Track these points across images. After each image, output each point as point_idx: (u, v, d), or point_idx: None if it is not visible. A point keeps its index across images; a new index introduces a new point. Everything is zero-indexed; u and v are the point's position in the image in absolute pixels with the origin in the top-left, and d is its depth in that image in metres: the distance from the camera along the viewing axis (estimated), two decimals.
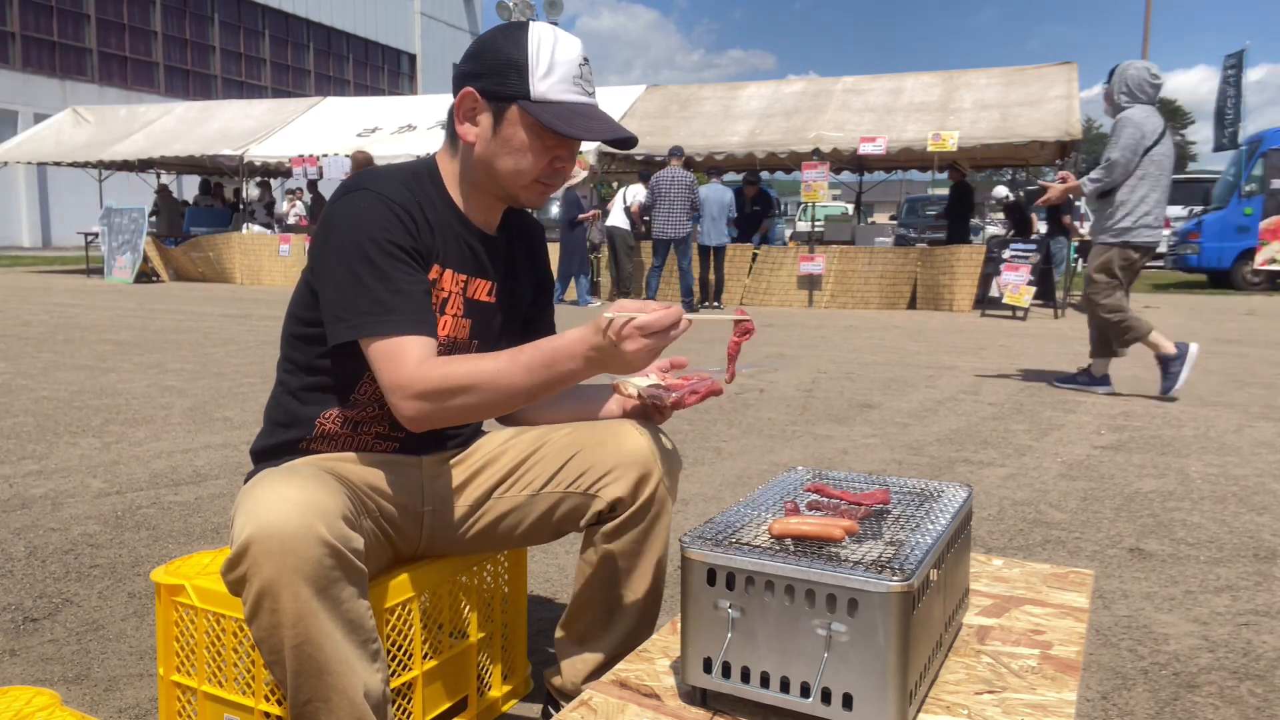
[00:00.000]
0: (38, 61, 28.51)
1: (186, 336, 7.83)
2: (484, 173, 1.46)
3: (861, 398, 5.28)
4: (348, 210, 1.39)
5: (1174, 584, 2.48)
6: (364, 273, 1.34)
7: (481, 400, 1.32)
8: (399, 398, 1.32)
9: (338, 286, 1.36)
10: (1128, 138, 4.96)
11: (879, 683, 1.00)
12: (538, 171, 1.44)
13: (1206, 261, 15.11)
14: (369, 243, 1.35)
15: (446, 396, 1.31)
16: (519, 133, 1.41)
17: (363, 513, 1.40)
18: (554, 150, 1.43)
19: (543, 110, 1.38)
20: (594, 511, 1.52)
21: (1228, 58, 17.61)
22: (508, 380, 1.30)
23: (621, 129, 1.45)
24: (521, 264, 1.64)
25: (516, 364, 1.30)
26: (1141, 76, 5.03)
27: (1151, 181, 4.99)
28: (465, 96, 1.42)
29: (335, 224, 1.38)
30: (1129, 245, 5.05)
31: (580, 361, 1.28)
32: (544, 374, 1.30)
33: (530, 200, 1.49)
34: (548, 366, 1.29)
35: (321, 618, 1.21)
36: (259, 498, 1.23)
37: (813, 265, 11.96)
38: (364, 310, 1.34)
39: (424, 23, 43.32)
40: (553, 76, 1.39)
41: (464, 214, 1.51)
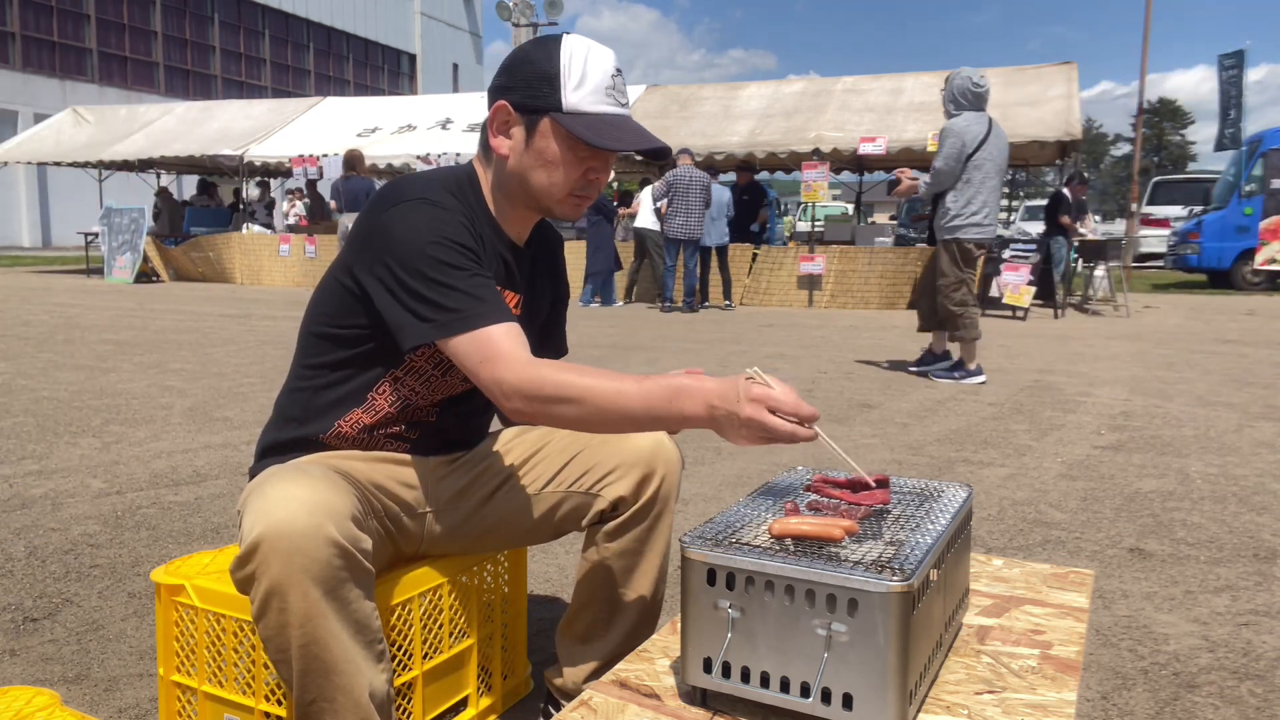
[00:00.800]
0: (38, 61, 28.51)
1: (186, 336, 7.83)
2: (518, 186, 1.45)
3: (861, 398, 5.28)
4: (409, 216, 1.35)
5: (1174, 584, 2.48)
6: (442, 274, 1.31)
7: (587, 414, 1.26)
8: (503, 394, 1.28)
9: (413, 291, 1.32)
10: (949, 147, 5.45)
11: (879, 683, 1.00)
12: (572, 184, 1.43)
13: (1206, 261, 15.11)
14: (442, 244, 1.33)
15: (554, 402, 1.26)
16: (552, 145, 1.39)
17: (369, 513, 1.41)
18: (588, 162, 1.42)
19: (575, 122, 1.37)
20: (596, 511, 1.53)
21: (1224, 57, 17.59)
22: (622, 402, 1.24)
23: (654, 139, 1.43)
24: (544, 276, 1.63)
25: (640, 390, 1.23)
26: (965, 85, 5.49)
27: (977, 184, 5.49)
28: (498, 110, 1.41)
29: (396, 231, 1.34)
30: (960, 241, 5.56)
31: (702, 408, 1.20)
32: (662, 407, 1.22)
33: (566, 213, 1.47)
34: (668, 401, 1.22)
35: (329, 618, 1.21)
36: (269, 496, 1.22)
37: (813, 265, 11.96)
38: (451, 308, 1.30)
39: (424, 23, 43.33)
40: (585, 88, 1.37)
41: (499, 225, 1.49)
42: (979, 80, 5.47)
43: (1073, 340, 8.28)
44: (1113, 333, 8.90)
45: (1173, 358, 6.99)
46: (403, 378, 1.47)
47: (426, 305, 1.31)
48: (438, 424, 1.54)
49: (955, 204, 5.53)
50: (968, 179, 5.49)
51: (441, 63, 44.84)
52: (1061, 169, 12.47)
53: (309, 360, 1.50)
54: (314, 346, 1.49)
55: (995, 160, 5.51)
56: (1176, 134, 53.01)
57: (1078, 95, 11.43)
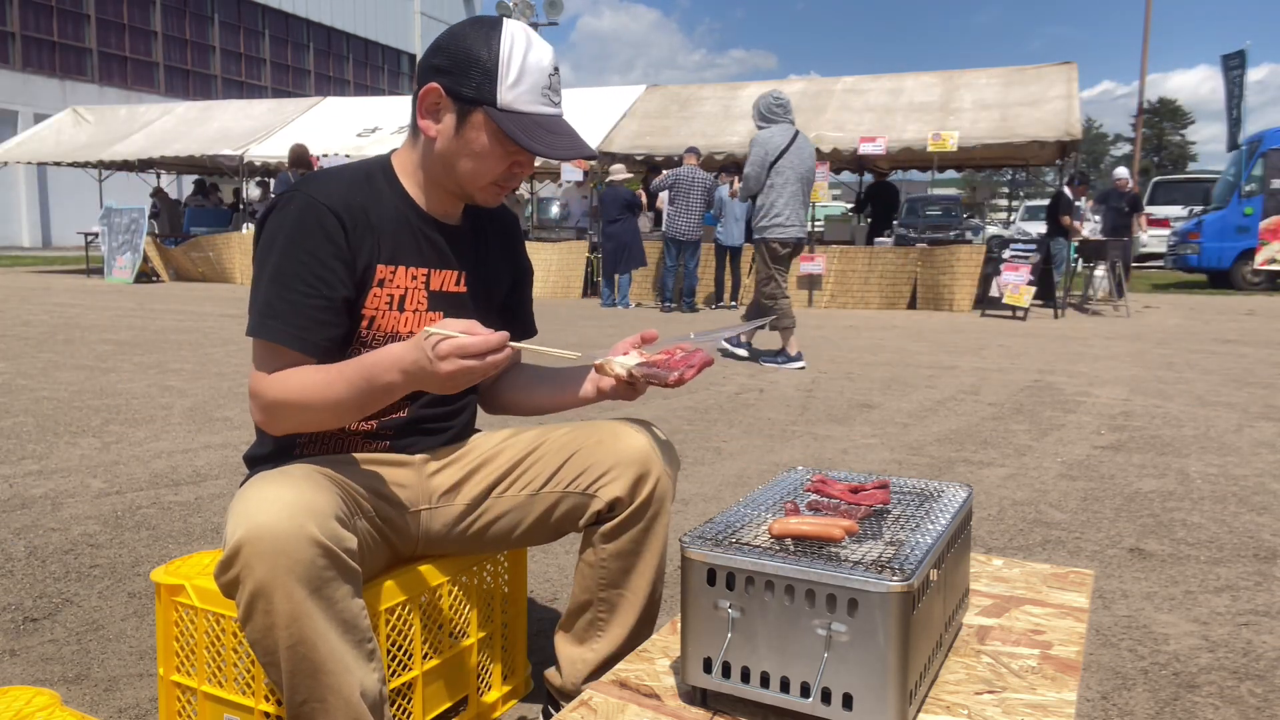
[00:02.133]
0: (38, 61, 28.51)
1: (186, 336, 7.83)
2: (442, 169, 1.46)
3: (861, 398, 5.28)
4: (276, 213, 1.40)
5: (1174, 584, 2.48)
6: (268, 276, 1.37)
7: (315, 415, 1.36)
8: (252, 404, 1.39)
9: (252, 284, 1.40)
10: (755, 156, 6.11)
11: (879, 683, 1.00)
12: (495, 175, 1.44)
13: (1206, 261, 15.11)
14: (283, 247, 1.37)
15: (284, 410, 1.35)
16: (481, 137, 1.40)
17: (356, 513, 1.40)
18: (514, 156, 1.43)
19: (508, 120, 1.37)
20: (593, 511, 1.52)
21: (1227, 58, 17.59)
22: (333, 393, 1.32)
23: (585, 146, 1.44)
24: (494, 251, 1.63)
25: (342, 377, 1.32)
26: (768, 102, 6.13)
27: (779, 189, 6.08)
28: (430, 91, 1.41)
29: (266, 224, 1.41)
30: (766, 241, 6.19)
31: (397, 375, 1.27)
32: (364, 386, 1.30)
33: (485, 200, 1.49)
34: (367, 380, 1.30)
35: (315, 618, 1.21)
36: (250, 499, 1.23)
37: (813, 265, 11.96)
38: (257, 310, 1.37)
39: (424, 23, 43.32)
40: (521, 85, 1.37)
41: (421, 208, 1.50)
42: (778, 97, 6.15)
43: (1073, 340, 8.28)
44: (1113, 333, 8.90)
45: (1173, 358, 6.99)
46: None
47: (253, 300, 1.39)
48: (410, 417, 1.54)
49: (764, 206, 6.15)
50: (772, 183, 6.08)
51: None
52: (1061, 169, 12.47)
53: None
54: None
55: (795, 168, 6.08)
56: (1176, 134, 53.01)
57: (1078, 95, 11.43)
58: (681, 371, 1.42)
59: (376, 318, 1.45)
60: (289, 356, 1.37)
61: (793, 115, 6.22)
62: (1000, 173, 23.85)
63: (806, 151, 6.19)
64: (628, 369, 1.46)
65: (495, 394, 1.71)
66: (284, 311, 1.36)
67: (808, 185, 6.21)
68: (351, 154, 13.76)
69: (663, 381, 1.42)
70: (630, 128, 12.98)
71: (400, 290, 1.47)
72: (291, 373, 1.35)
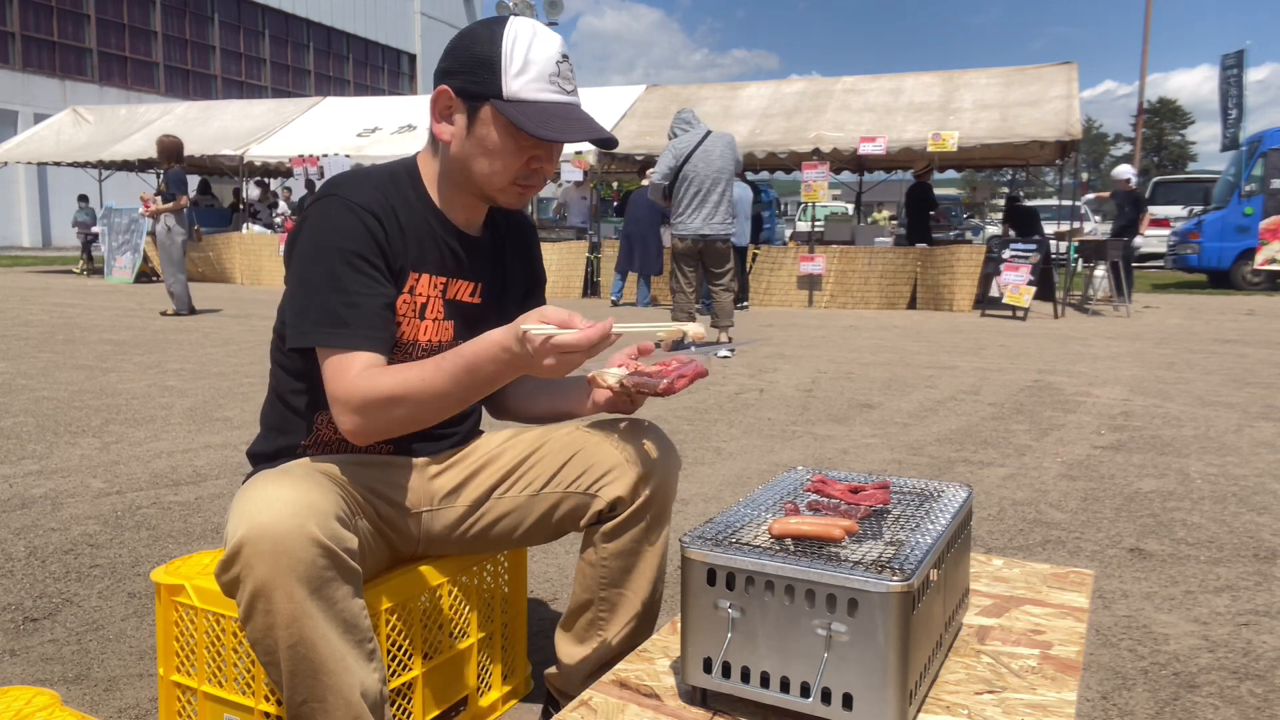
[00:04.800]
0: (38, 61, 28.51)
1: (186, 336, 7.83)
2: (460, 172, 1.44)
3: (861, 398, 5.28)
4: (315, 216, 1.38)
5: (1174, 584, 2.48)
6: (322, 282, 1.34)
7: (413, 411, 1.31)
8: (338, 411, 1.32)
9: (297, 293, 1.36)
10: (662, 162, 6.65)
11: (879, 683, 1.00)
12: (514, 173, 1.41)
13: (1206, 261, 15.10)
14: (331, 251, 1.34)
15: (379, 408, 1.30)
16: (492, 133, 1.38)
17: (358, 512, 1.40)
18: (530, 151, 1.40)
19: (515, 110, 1.35)
20: (594, 511, 1.52)
21: (1225, 57, 17.60)
22: (433, 387, 1.29)
23: (600, 129, 1.41)
24: (511, 262, 1.62)
25: (440, 370, 1.28)
26: (677, 119, 6.75)
27: (682, 192, 6.57)
28: (440, 94, 1.40)
29: (304, 230, 1.38)
30: (674, 235, 6.73)
31: (502, 365, 1.26)
32: (467, 379, 1.28)
33: (508, 202, 1.47)
34: (470, 371, 1.27)
35: (316, 618, 1.21)
36: (252, 498, 1.23)
37: (813, 265, 11.96)
38: (315, 320, 1.33)
39: (424, 23, 43.32)
40: (527, 74, 1.35)
41: (444, 215, 1.49)
42: (685, 115, 6.72)
43: (1073, 340, 8.27)
44: (1113, 333, 8.90)
45: (1173, 358, 6.99)
46: None
47: (305, 307, 1.34)
48: None
49: (675, 205, 6.66)
50: (679, 187, 6.57)
51: None
52: (1061, 169, 12.46)
53: (280, 368, 1.51)
54: (282, 353, 1.50)
55: (700, 170, 6.50)
56: (1176, 134, 53.01)
57: (1078, 95, 11.42)
58: (671, 380, 1.42)
59: (402, 323, 1.44)
60: (362, 360, 1.33)
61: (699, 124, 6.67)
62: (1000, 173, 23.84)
63: (715, 152, 6.51)
64: (618, 379, 1.47)
65: (501, 402, 1.70)
66: (352, 317, 1.33)
67: (719, 182, 6.52)
68: (351, 154, 13.77)
69: (652, 390, 1.43)
70: (630, 127, 12.98)
71: (423, 298, 1.46)
72: (381, 372, 1.31)
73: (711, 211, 6.55)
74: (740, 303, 11.64)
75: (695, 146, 6.49)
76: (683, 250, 6.70)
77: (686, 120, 6.67)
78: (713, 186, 6.52)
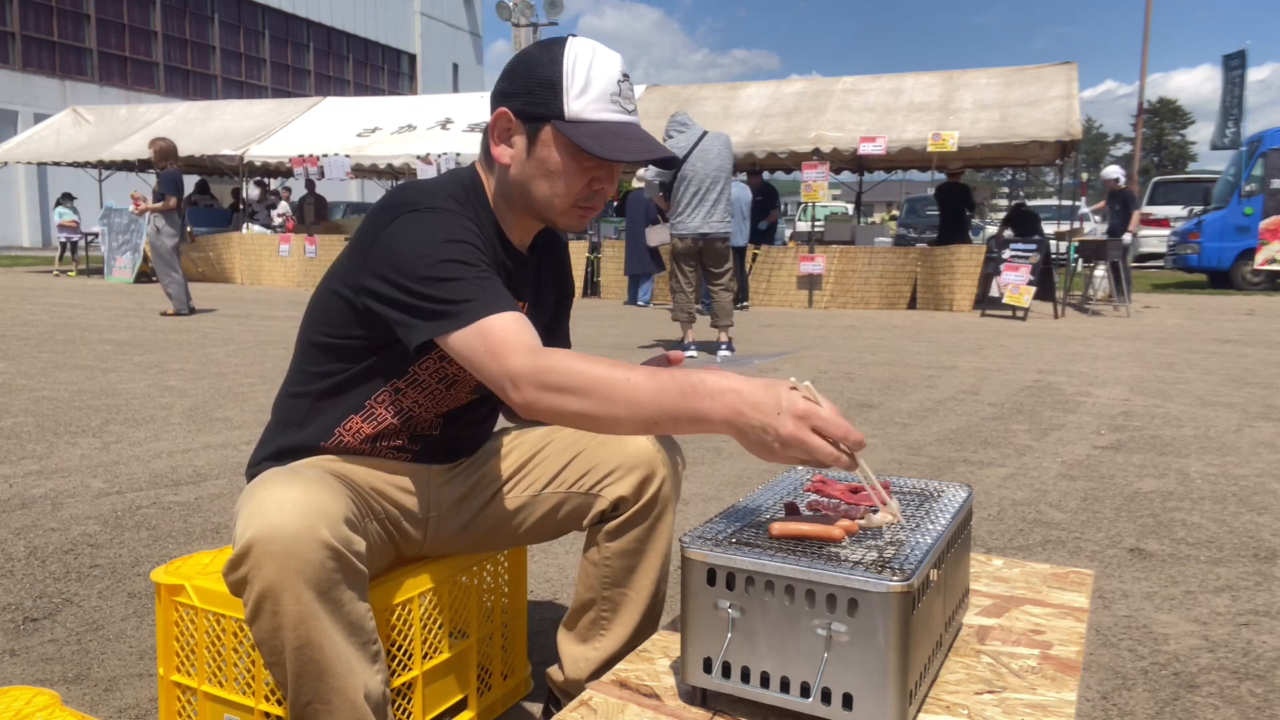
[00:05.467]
0: (38, 61, 28.51)
1: (186, 336, 7.83)
2: (520, 195, 1.41)
3: (861, 398, 5.28)
4: (413, 223, 1.31)
5: (1174, 584, 2.48)
6: (442, 271, 1.26)
7: (593, 407, 1.16)
8: (515, 386, 1.19)
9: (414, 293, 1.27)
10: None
11: (879, 683, 1.00)
12: (575, 195, 1.38)
13: (1206, 261, 15.10)
14: (446, 244, 1.29)
15: (562, 393, 1.17)
16: (553, 154, 1.35)
17: (367, 515, 1.40)
18: (592, 172, 1.37)
19: (577, 130, 1.32)
20: (597, 511, 1.53)
21: (1228, 58, 17.59)
22: (630, 393, 1.14)
23: (662, 148, 1.38)
24: (548, 280, 1.61)
25: (653, 380, 1.14)
26: (674, 120, 6.77)
27: (680, 193, 6.61)
28: (500, 117, 1.37)
29: (399, 238, 1.30)
30: (673, 235, 6.77)
31: (721, 408, 1.10)
32: (674, 403, 1.13)
33: (569, 225, 1.43)
34: (684, 394, 1.12)
35: (323, 620, 1.21)
36: (261, 499, 1.22)
37: (813, 265, 11.96)
38: (451, 303, 1.25)
39: (424, 23, 43.32)
40: (588, 95, 1.32)
41: (504, 232, 1.46)
42: (679, 117, 6.78)
43: (1073, 340, 8.27)
44: (1113, 333, 8.90)
45: (1173, 358, 6.99)
46: (405, 389, 1.45)
47: (427, 303, 1.26)
48: (442, 436, 1.53)
49: (673, 205, 6.70)
50: (677, 188, 6.62)
51: (441, 63, 44.82)
52: (1061, 169, 12.46)
53: (308, 367, 1.48)
54: (313, 355, 1.47)
55: (698, 169, 6.54)
56: (1176, 134, 53.01)
57: (1078, 95, 11.42)
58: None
59: None
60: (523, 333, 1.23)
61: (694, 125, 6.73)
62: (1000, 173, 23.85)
63: (713, 151, 6.59)
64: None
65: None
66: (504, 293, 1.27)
67: (717, 182, 6.59)
68: (351, 154, 13.77)
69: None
70: None
71: None
72: (576, 356, 1.20)
73: (710, 210, 6.59)
74: (741, 303, 11.65)
75: (693, 146, 6.55)
76: (682, 250, 6.76)
77: (682, 122, 6.73)
78: (711, 186, 6.56)
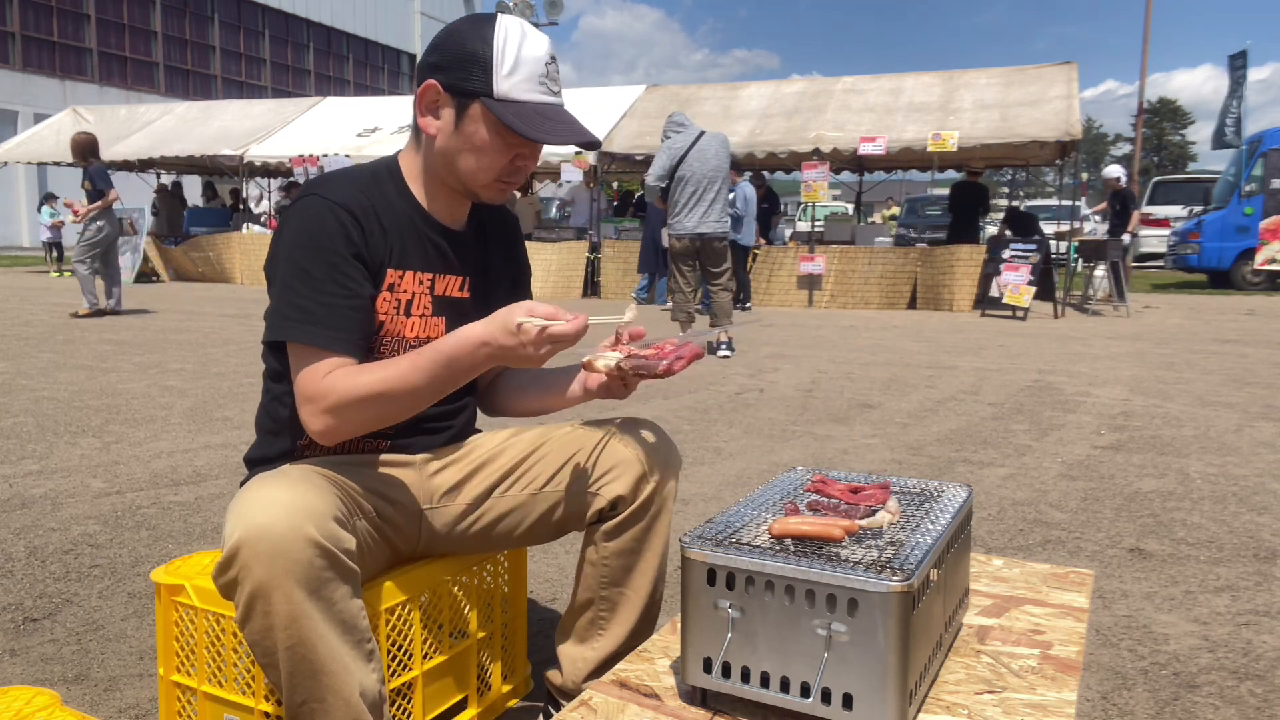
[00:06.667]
0: (38, 61, 28.51)
1: (186, 336, 7.83)
2: (444, 166, 1.45)
3: (861, 398, 5.28)
4: (295, 215, 1.39)
5: (1174, 584, 2.48)
6: (297, 280, 1.34)
7: (387, 408, 1.33)
8: (309, 413, 1.33)
9: (274, 290, 1.37)
10: (657, 164, 6.65)
11: (879, 683, 1.00)
12: (498, 170, 1.42)
13: (1206, 261, 15.10)
14: (309, 250, 1.35)
15: (354, 407, 1.31)
16: (480, 130, 1.38)
17: (356, 513, 1.40)
18: (516, 149, 1.41)
19: (505, 110, 1.36)
20: (595, 510, 1.52)
21: (1233, 58, 17.58)
22: (409, 383, 1.31)
23: (586, 132, 1.42)
24: (496, 256, 1.62)
25: (416, 367, 1.30)
26: (669, 123, 6.81)
27: (677, 193, 6.59)
28: (428, 89, 1.40)
29: (283, 228, 1.39)
30: (671, 235, 6.75)
31: (481, 359, 1.30)
32: (444, 372, 1.31)
33: (491, 198, 1.48)
34: (448, 365, 1.30)
35: (314, 619, 1.21)
36: (248, 501, 1.23)
37: (813, 265, 11.96)
38: (290, 316, 1.34)
39: (424, 23, 43.31)
40: (517, 75, 1.36)
41: (428, 211, 1.49)
42: (676, 118, 6.80)
43: (1073, 340, 8.27)
44: (1113, 333, 8.90)
45: (1173, 358, 6.99)
46: None
47: (280, 305, 1.35)
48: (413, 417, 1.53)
49: (671, 205, 6.67)
50: (675, 188, 6.60)
51: None
52: (1061, 169, 12.46)
53: (269, 370, 1.51)
54: (269, 357, 1.50)
55: (695, 169, 6.54)
56: (1176, 134, 53.01)
57: (1078, 95, 11.42)
58: (670, 362, 1.38)
59: (386, 322, 1.44)
60: (334, 361, 1.34)
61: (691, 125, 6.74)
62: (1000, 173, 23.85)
63: (710, 151, 6.57)
64: (616, 363, 1.43)
65: (492, 397, 1.70)
66: (325, 316, 1.34)
67: (715, 182, 6.58)
68: (351, 154, 13.76)
69: (651, 372, 1.39)
70: (630, 127, 12.98)
71: (407, 295, 1.46)
72: (353, 371, 1.33)
73: (708, 210, 6.58)
74: (744, 304, 11.65)
75: (690, 147, 6.54)
76: (680, 250, 6.75)
77: (679, 123, 6.73)
78: (709, 186, 6.56)
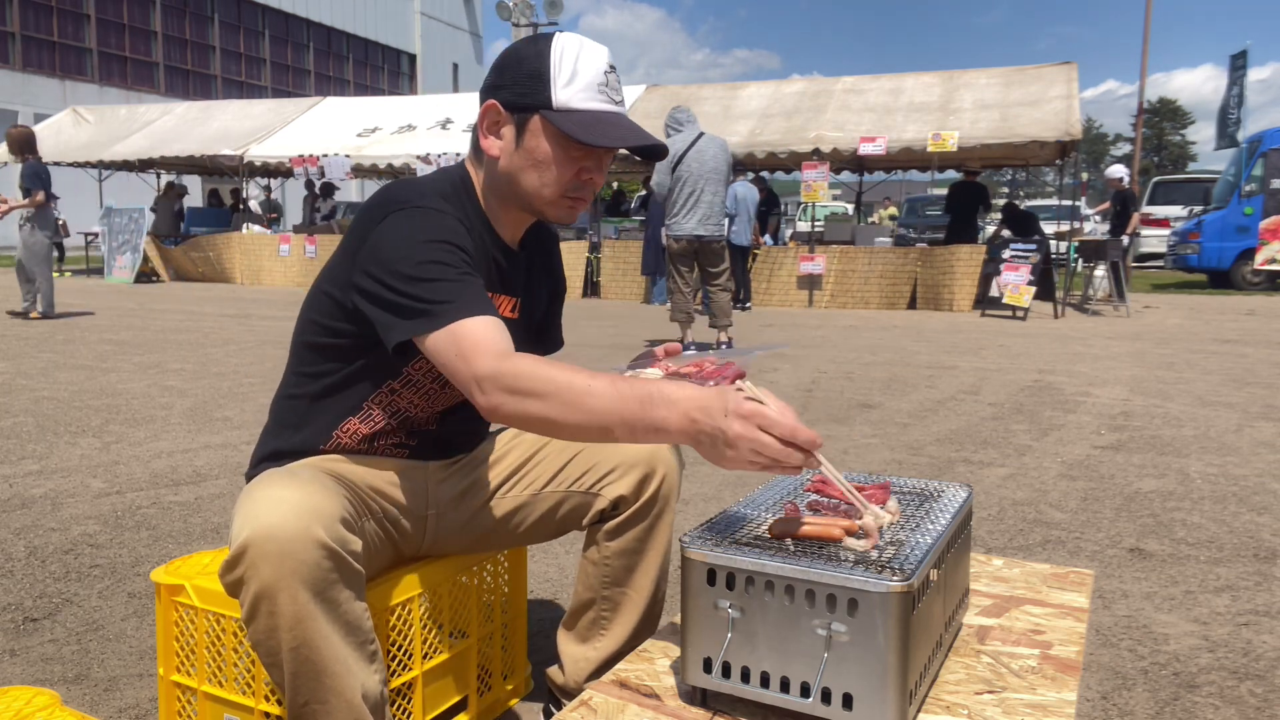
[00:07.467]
0: (38, 61, 28.52)
1: (186, 336, 7.83)
2: (509, 187, 1.41)
3: (861, 398, 5.28)
4: (400, 223, 1.32)
5: (1174, 584, 2.48)
6: (424, 272, 1.26)
7: (554, 412, 1.17)
8: (481, 390, 1.20)
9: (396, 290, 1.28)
10: (659, 167, 6.62)
11: (879, 683, 1.00)
12: (564, 184, 1.38)
13: (1206, 261, 15.10)
14: (429, 245, 1.29)
15: (525, 397, 1.18)
16: (542, 143, 1.35)
17: (364, 514, 1.40)
18: (580, 161, 1.37)
19: (565, 119, 1.33)
20: (597, 510, 1.53)
21: (1234, 58, 17.59)
22: (591, 401, 1.15)
23: (649, 136, 1.38)
24: (539, 276, 1.60)
25: (613, 388, 1.15)
26: (670, 117, 6.78)
27: (676, 192, 6.59)
28: (488, 109, 1.38)
29: (386, 238, 1.31)
30: (669, 236, 6.75)
31: (677, 416, 1.11)
32: (633, 411, 1.13)
33: (558, 216, 1.43)
34: (641, 403, 1.13)
35: (319, 620, 1.21)
36: (257, 499, 1.22)
37: (813, 265, 11.95)
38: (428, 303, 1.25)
39: (424, 23, 43.33)
40: (575, 84, 1.33)
41: (493, 228, 1.46)
42: (678, 113, 6.77)
43: (1073, 340, 8.27)
44: (1113, 333, 8.90)
45: (1173, 358, 6.99)
46: (400, 390, 1.45)
47: (407, 301, 1.26)
48: (438, 432, 1.53)
49: (670, 205, 6.66)
50: (674, 188, 6.59)
51: (441, 63, 44.84)
52: (1061, 169, 12.46)
53: (302, 369, 1.48)
54: (306, 356, 1.47)
55: (694, 169, 6.54)
56: (1177, 134, 53.02)
57: (1077, 95, 11.41)
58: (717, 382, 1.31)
59: None
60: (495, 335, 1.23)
61: (696, 123, 6.73)
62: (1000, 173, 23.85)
63: (709, 153, 6.56)
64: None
65: None
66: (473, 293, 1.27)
67: (714, 182, 6.58)
68: (351, 154, 13.76)
69: None
70: None
71: None
72: (542, 361, 1.21)
73: (706, 212, 6.58)
74: (744, 304, 11.64)
75: (688, 147, 6.51)
76: (679, 251, 6.74)
77: (679, 120, 6.68)
78: (706, 187, 6.55)
